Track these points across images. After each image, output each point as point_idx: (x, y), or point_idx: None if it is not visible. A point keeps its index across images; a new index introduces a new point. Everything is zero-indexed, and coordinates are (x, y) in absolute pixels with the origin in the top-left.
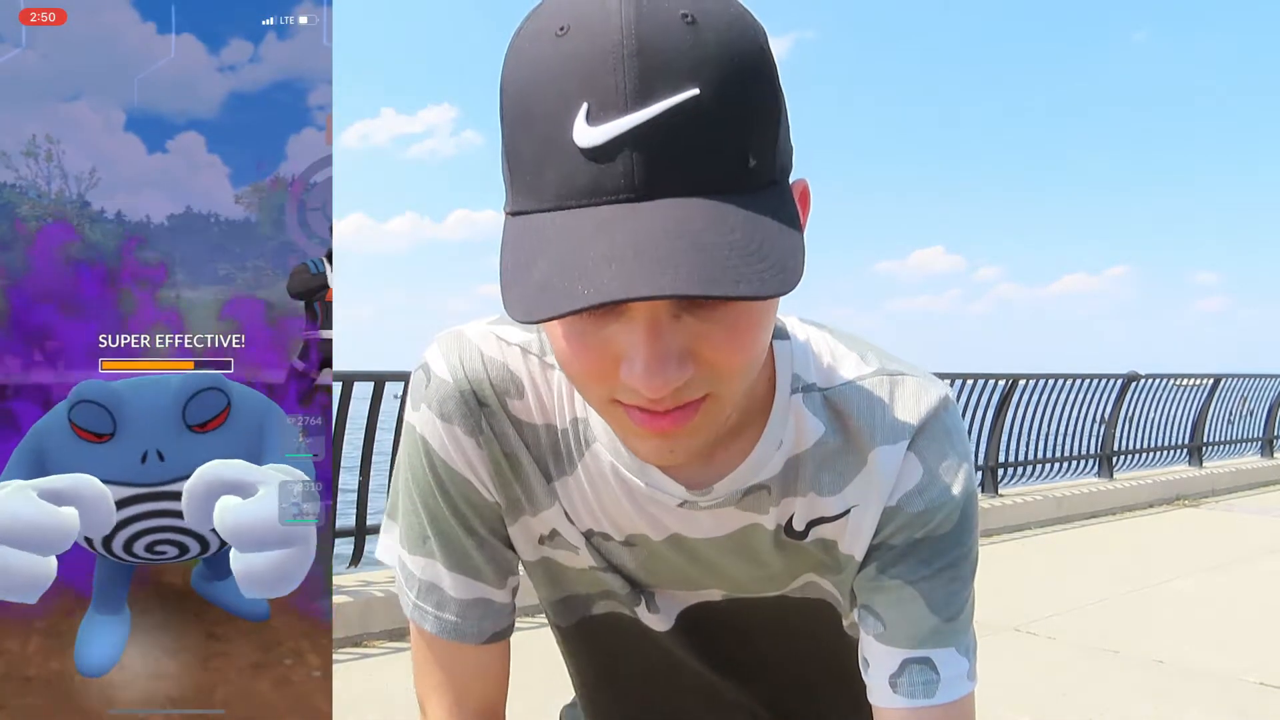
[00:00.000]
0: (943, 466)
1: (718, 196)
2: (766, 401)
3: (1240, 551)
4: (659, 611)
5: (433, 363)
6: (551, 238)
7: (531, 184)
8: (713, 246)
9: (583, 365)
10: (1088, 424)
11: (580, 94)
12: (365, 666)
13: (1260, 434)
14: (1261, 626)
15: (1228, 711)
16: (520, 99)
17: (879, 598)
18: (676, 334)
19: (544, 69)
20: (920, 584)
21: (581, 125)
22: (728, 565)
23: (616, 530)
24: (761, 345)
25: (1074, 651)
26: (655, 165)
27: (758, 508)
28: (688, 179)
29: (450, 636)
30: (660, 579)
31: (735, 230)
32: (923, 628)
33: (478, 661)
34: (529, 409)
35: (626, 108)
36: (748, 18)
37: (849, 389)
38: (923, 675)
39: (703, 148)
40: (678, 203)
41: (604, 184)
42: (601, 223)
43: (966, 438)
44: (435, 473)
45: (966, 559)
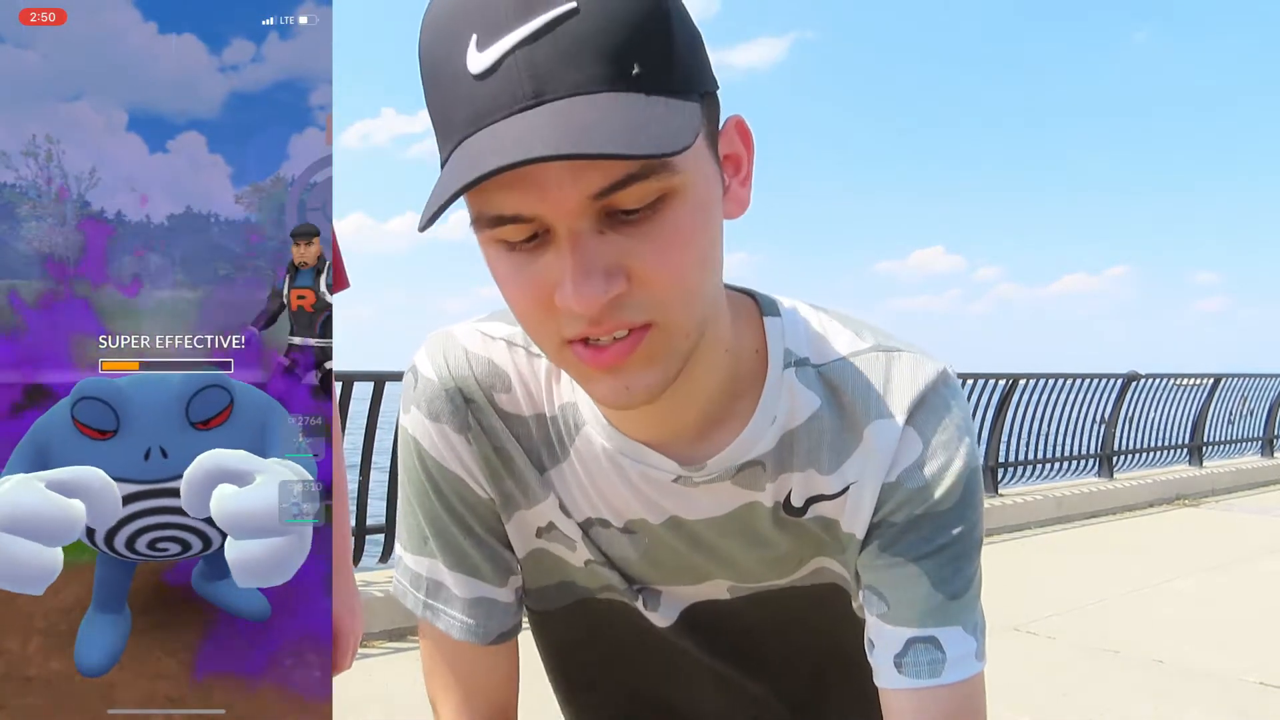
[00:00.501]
0: (942, 440)
1: (612, 93)
2: (758, 376)
3: (1240, 551)
4: (659, 609)
5: (420, 364)
6: (453, 161)
7: (445, 127)
8: (596, 122)
9: (526, 302)
10: (1088, 424)
11: (470, 27)
12: (365, 666)
13: (1260, 434)
14: (1261, 626)
15: (1228, 711)
16: (427, 52)
17: (882, 576)
18: (602, 249)
19: (441, 18)
20: (923, 561)
21: (473, 53)
22: (731, 549)
23: (615, 516)
24: (698, 265)
25: (1074, 651)
26: (540, 73)
27: (753, 484)
28: (574, 83)
29: (458, 635)
30: (664, 571)
31: (618, 112)
32: (927, 606)
33: (486, 662)
34: (517, 401)
35: (509, 26)
36: None
37: (843, 364)
38: (928, 654)
39: (586, 53)
40: (565, 101)
41: (499, 101)
42: (494, 132)
43: (968, 411)
44: (429, 473)
45: (970, 534)
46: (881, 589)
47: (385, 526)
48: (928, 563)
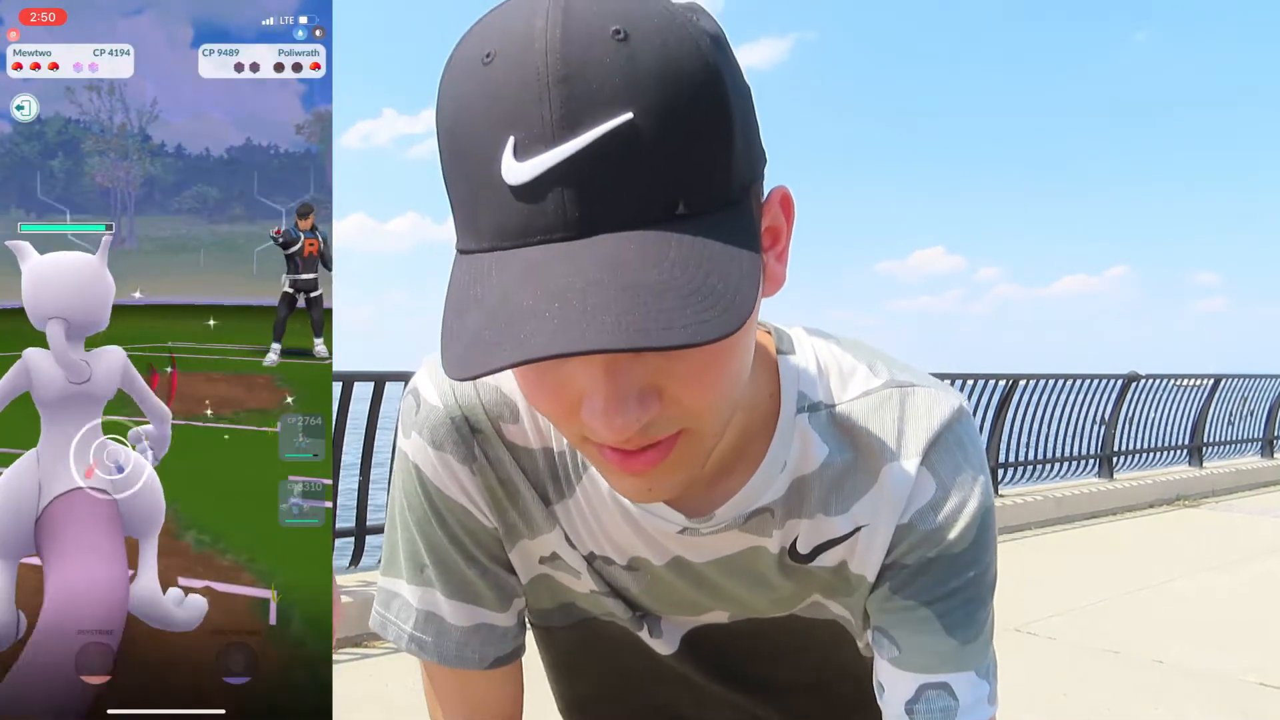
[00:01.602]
0: (957, 481)
1: (658, 227)
2: (770, 421)
3: (1240, 551)
4: (662, 636)
5: (423, 388)
6: (484, 283)
7: (469, 222)
8: (647, 288)
9: (546, 408)
10: (1088, 424)
11: (507, 127)
12: (365, 666)
13: (1260, 434)
14: (1261, 626)
15: (1228, 711)
16: (451, 135)
17: (893, 620)
18: (636, 371)
19: (471, 102)
20: (935, 605)
21: (509, 161)
22: (733, 587)
23: (618, 554)
24: (733, 377)
25: (1074, 651)
26: (587, 200)
27: (761, 530)
28: (624, 212)
29: (452, 664)
30: (663, 604)
31: (675, 266)
32: (939, 652)
33: (485, 686)
34: (524, 433)
35: (554, 140)
36: (691, 24)
37: (857, 405)
38: (941, 701)
39: (639, 177)
40: (612, 240)
41: (535, 223)
42: (531, 267)
43: (982, 450)
44: (430, 501)
45: (984, 577)
46: (892, 632)
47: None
48: (940, 606)
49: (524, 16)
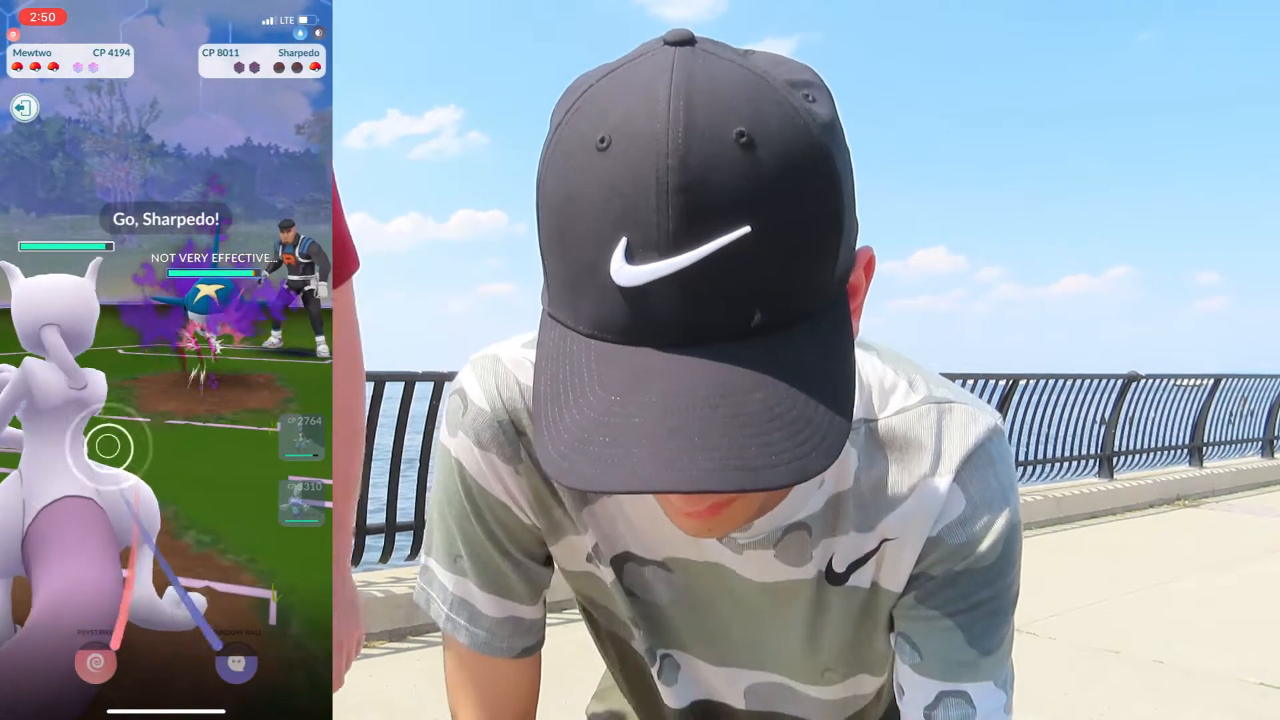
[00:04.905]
0: (986, 498)
1: (763, 338)
2: None
3: (1240, 551)
4: (675, 685)
5: (469, 389)
6: (583, 376)
7: (567, 300)
8: (752, 417)
9: None
10: (1088, 424)
11: (619, 227)
12: (365, 667)
13: (1260, 434)
14: (1261, 627)
15: (1228, 712)
16: (558, 216)
17: (916, 627)
18: None
19: (583, 190)
20: (959, 616)
21: (620, 262)
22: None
23: (653, 551)
24: None
25: (1074, 651)
26: (695, 310)
27: (799, 556)
28: (732, 325)
29: (483, 650)
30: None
31: (778, 389)
32: (960, 661)
33: (509, 675)
34: None
35: (669, 249)
36: (809, 117)
37: (896, 420)
38: (959, 709)
39: (753, 290)
40: (717, 364)
41: (640, 325)
42: (636, 375)
43: (1013, 467)
44: (470, 497)
45: (1007, 593)
46: (915, 639)
47: (385, 527)
48: (964, 618)
49: (645, 104)
